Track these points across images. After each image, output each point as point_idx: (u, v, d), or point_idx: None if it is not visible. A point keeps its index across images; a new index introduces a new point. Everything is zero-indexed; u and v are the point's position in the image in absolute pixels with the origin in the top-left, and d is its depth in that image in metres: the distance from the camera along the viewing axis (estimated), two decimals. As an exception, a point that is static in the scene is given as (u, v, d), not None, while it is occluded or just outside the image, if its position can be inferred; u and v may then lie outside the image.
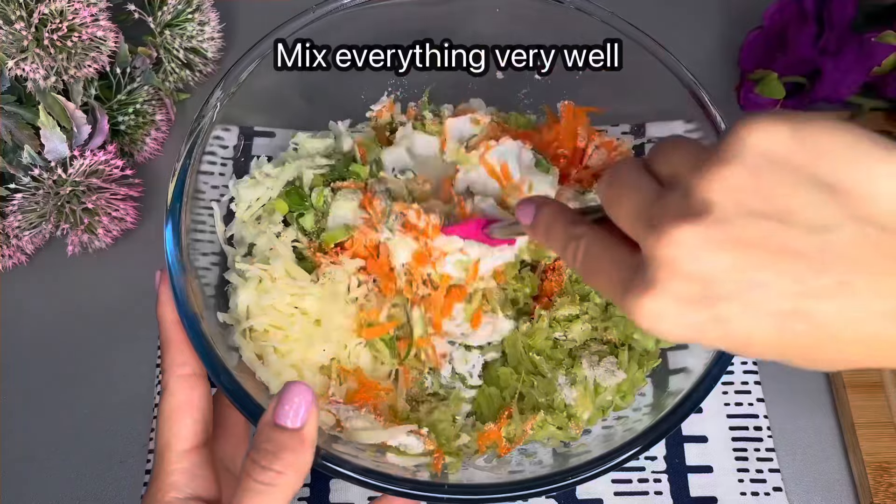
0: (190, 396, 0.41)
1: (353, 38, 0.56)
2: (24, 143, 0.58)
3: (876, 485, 0.53)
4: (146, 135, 0.65)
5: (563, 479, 0.41)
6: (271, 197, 0.54)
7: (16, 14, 0.54)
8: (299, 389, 0.38)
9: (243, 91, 0.52)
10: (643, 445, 0.42)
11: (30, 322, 0.60)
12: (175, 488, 0.39)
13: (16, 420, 0.56)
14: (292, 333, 0.48)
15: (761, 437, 0.56)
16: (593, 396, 0.49)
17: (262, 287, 0.49)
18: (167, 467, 0.40)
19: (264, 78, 0.53)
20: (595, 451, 0.43)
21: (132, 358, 0.58)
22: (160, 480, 0.40)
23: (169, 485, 0.39)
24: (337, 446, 0.44)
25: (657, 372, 0.51)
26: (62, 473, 0.55)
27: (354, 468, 0.41)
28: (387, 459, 0.46)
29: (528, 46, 0.56)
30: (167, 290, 0.44)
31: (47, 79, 0.57)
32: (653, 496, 0.54)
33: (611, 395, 0.49)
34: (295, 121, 0.59)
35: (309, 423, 0.37)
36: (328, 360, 0.49)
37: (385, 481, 0.40)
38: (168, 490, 0.39)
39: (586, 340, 0.51)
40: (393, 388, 0.51)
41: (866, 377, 0.57)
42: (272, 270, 0.49)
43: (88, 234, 0.59)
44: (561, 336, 0.51)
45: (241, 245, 0.53)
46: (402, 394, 0.50)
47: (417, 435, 0.47)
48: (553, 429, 0.48)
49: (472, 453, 0.49)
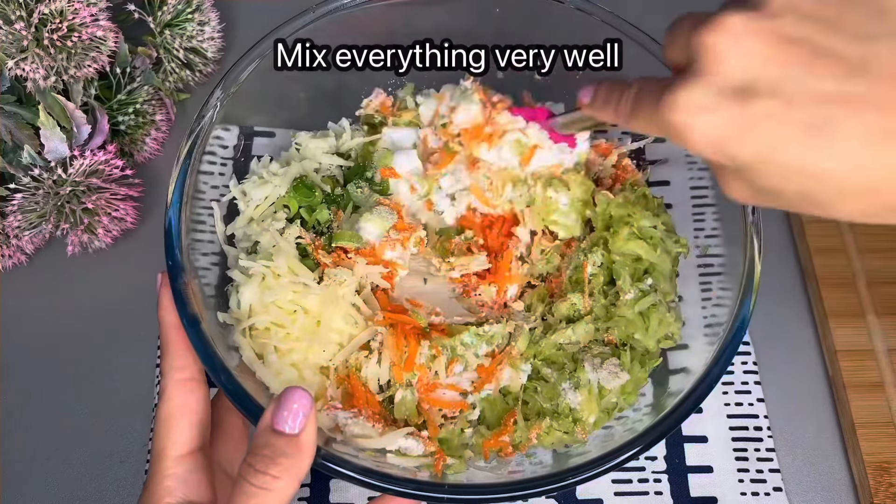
0: (187, 400, 0.41)
1: (354, 39, 0.56)
2: (24, 143, 0.58)
3: (876, 485, 0.53)
4: (146, 135, 0.65)
5: (562, 480, 0.41)
6: (280, 195, 0.54)
7: (16, 14, 0.54)
8: (298, 395, 0.38)
9: (243, 91, 0.52)
10: (643, 445, 0.42)
11: (30, 322, 0.60)
12: (169, 493, 0.39)
13: (16, 420, 0.56)
14: (293, 332, 0.48)
15: (761, 437, 0.56)
16: (598, 399, 0.49)
17: (266, 284, 0.49)
18: (162, 472, 0.40)
19: (264, 78, 0.53)
20: (595, 452, 0.43)
21: (132, 358, 0.58)
22: (154, 485, 0.40)
23: (164, 489, 0.39)
24: (337, 446, 0.44)
25: (657, 371, 0.51)
26: (62, 473, 0.55)
27: (354, 468, 0.41)
28: (387, 460, 0.46)
29: (528, 46, 0.55)
30: (168, 292, 0.44)
31: (47, 79, 0.57)
32: (653, 496, 0.54)
33: (615, 397, 0.49)
34: (295, 120, 0.59)
35: (307, 429, 0.37)
36: (327, 361, 0.49)
37: (385, 481, 0.40)
38: (162, 495, 0.39)
39: (588, 343, 0.51)
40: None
41: (866, 377, 0.57)
42: (275, 267, 0.49)
43: (88, 234, 0.59)
44: (565, 341, 0.51)
45: (245, 242, 0.53)
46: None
47: (417, 437, 0.47)
48: (560, 434, 0.48)
49: (477, 459, 0.49)
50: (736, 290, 0.47)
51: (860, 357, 0.58)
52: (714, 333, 0.48)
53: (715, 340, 0.46)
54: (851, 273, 0.61)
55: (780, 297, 0.62)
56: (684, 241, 0.53)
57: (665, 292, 0.51)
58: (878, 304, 0.60)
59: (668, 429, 0.43)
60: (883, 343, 0.59)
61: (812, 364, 0.60)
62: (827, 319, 0.60)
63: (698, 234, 0.55)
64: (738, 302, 0.46)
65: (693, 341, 0.50)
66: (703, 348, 0.48)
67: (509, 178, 0.54)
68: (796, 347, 0.60)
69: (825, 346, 0.60)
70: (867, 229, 0.63)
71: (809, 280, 0.62)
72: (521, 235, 0.54)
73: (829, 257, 0.62)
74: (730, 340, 0.45)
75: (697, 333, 0.51)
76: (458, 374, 0.50)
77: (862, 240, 0.63)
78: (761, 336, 0.60)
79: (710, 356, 0.45)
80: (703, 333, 0.50)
